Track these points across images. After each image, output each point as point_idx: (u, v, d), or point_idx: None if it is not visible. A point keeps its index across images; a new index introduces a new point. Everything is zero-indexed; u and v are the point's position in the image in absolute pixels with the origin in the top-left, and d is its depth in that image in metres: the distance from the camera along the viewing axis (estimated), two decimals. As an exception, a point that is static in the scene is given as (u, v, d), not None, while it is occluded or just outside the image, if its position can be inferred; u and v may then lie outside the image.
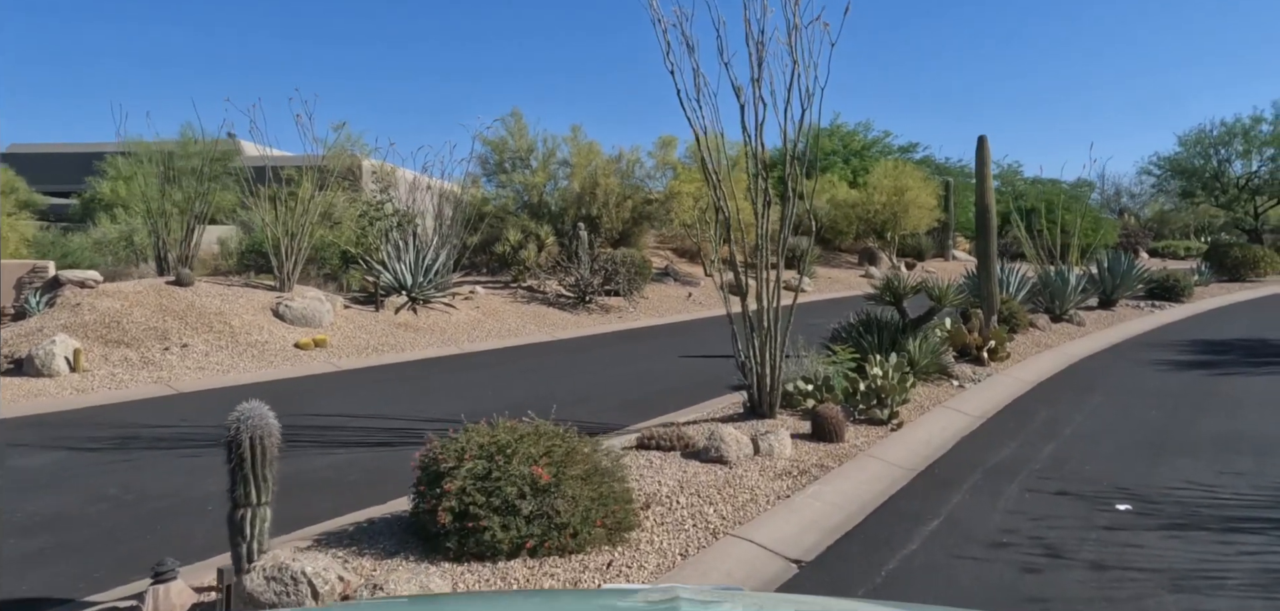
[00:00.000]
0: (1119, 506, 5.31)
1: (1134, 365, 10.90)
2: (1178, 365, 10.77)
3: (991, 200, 12.72)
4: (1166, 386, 9.40)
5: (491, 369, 11.54)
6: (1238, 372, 10.16)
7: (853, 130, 35.32)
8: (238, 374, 10.43)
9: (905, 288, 9.98)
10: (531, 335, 15.03)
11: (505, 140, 21.55)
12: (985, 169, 12.60)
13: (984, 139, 12.60)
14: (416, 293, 14.91)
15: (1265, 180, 28.13)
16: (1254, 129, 27.29)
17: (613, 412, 8.47)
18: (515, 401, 9.50)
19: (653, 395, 9.43)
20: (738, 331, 7.64)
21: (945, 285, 9.87)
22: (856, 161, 33.11)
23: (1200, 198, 30.28)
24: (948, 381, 9.64)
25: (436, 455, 4.32)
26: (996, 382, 9.79)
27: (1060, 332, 13.46)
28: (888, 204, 27.53)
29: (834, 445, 6.69)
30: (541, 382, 10.43)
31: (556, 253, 19.63)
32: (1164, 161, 29.84)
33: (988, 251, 12.60)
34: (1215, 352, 11.73)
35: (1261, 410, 8.07)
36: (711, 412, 8.09)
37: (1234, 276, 22.24)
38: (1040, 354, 11.70)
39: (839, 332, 10.25)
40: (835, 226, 28.31)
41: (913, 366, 9.39)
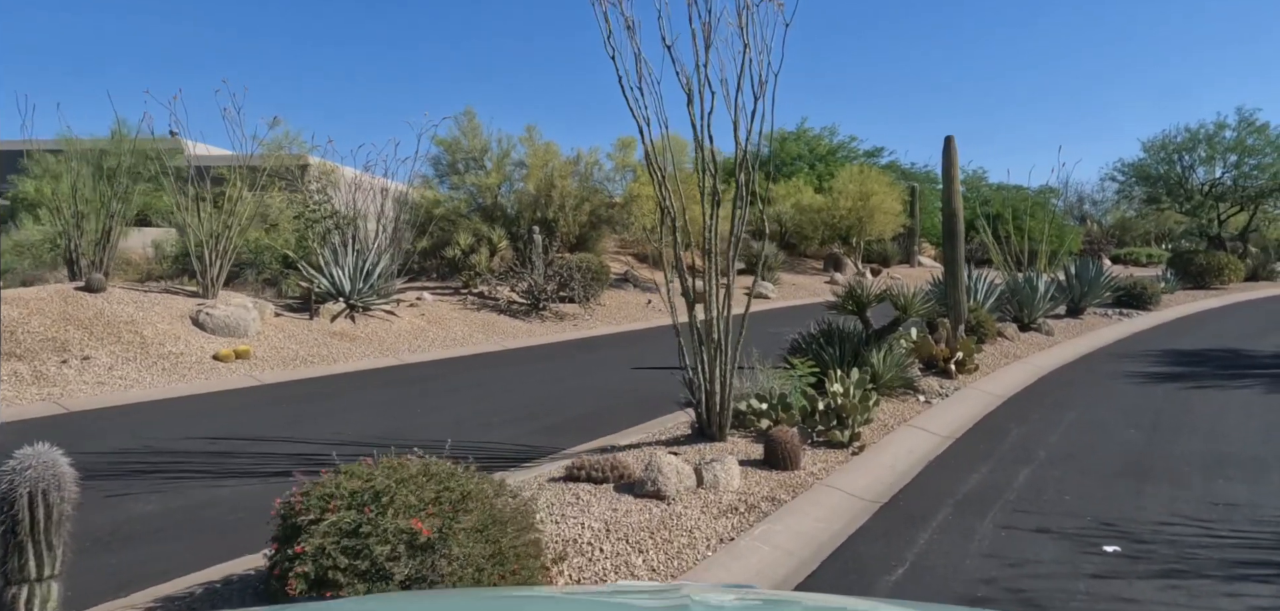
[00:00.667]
0: (1107, 548, 4.66)
1: (1107, 378, 10.38)
2: (1152, 378, 10.27)
3: (959, 204, 12.17)
4: (1143, 401, 8.87)
5: (428, 382, 10.71)
6: (1213, 386, 9.67)
7: (819, 134, 34.92)
8: (142, 389, 9.48)
9: (868, 296, 9.35)
10: (479, 345, 14.20)
11: (458, 140, 20.68)
12: (953, 170, 12.05)
13: (951, 139, 12.05)
14: (356, 299, 14.01)
15: (1228, 187, 28.12)
16: (1218, 135, 27.29)
17: (549, 434, 7.71)
18: (448, 419, 8.71)
19: (597, 412, 8.69)
20: (685, 344, 6.91)
21: (911, 294, 9.26)
22: (822, 166, 32.68)
23: (1165, 204, 30.23)
24: (914, 396, 9.02)
25: (295, 504, 3.53)
26: (965, 397, 9.19)
27: (1029, 342, 12.94)
28: (853, 209, 27.07)
29: (788, 473, 5.99)
30: (480, 398, 9.63)
31: (511, 258, 18.81)
32: (1128, 167, 29.77)
33: (955, 258, 12.04)
34: (1189, 364, 11.27)
35: (1244, 428, 7.54)
36: (657, 434, 7.36)
37: (1199, 283, 22.07)
38: (1010, 365, 11.15)
39: (799, 343, 9.58)
40: (800, 231, 27.79)
41: (876, 381, 8.75)
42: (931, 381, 9.73)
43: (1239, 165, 27.32)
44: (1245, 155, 27.02)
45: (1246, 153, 26.98)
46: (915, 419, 8.07)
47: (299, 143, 16.50)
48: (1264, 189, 26.98)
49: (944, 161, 12.15)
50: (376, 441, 7.62)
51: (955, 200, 12.07)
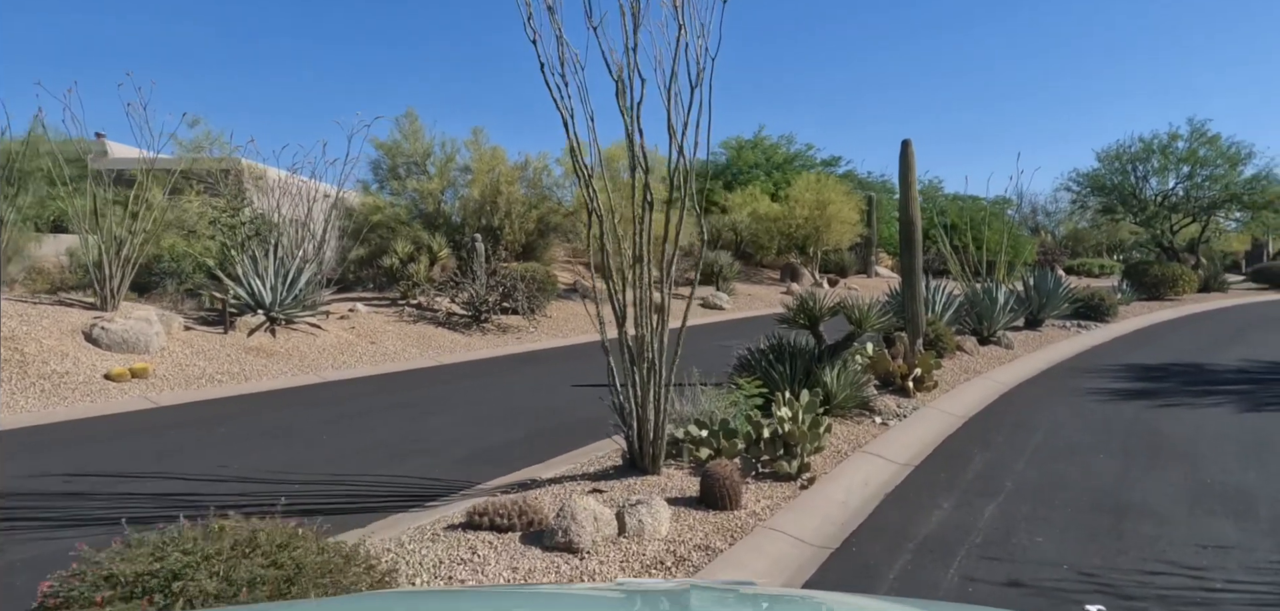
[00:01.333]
0: (1089, 608, 3.98)
1: (1071, 395, 9.84)
2: (1118, 395, 9.76)
3: (917, 212, 11.60)
4: (1112, 422, 8.31)
5: (347, 403, 9.78)
6: (1181, 404, 9.17)
7: (775, 142, 34.53)
8: (11, 414, 8.42)
9: (821, 309, 8.68)
10: (412, 360, 13.27)
11: (398, 144, 19.72)
12: (910, 176, 11.47)
13: (908, 143, 11.48)
14: (277, 312, 12.99)
15: (1180, 198, 28.22)
16: (1170, 146, 27.37)
17: (467, 465, 6.87)
18: (357, 448, 7.78)
19: (526, 438, 7.87)
20: (614, 365, 6.14)
21: (866, 307, 8.61)
22: (779, 175, 32.26)
23: (1120, 214, 30.30)
24: (870, 417, 8.36)
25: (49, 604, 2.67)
26: (924, 418, 8.55)
27: (989, 357, 12.42)
28: (810, 218, 26.61)
29: (727, 514, 5.24)
30: (400, 421, 8.74)
31: (453, 267, 17.89)
32: (1083, 177, 29.81)
33: (913, 268, 11.46)
34: (1153, 379, 10.81)
35: (1220, 453, 6.99)
36: (585, 464, 6.58)
37: (1154, 295, 21.95)
38: (970, 382, 10.57)
39: (747, 360, 8.88)
40: (756, 241, 27.26)
41: (829, 402, 8.07)
42: (888, 400, 9.09)
43: (1191, 176, 27.45)
44: (1197, 166, 27.17)
45: (1198, 164, 27.13)
46: (871, 444, 7.39)
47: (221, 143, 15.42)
48: (1215, 200, 27.14)
49: (901, 166, 11.58)
50: (266, 478, 6.68)
51: (913, 207, 11.50)
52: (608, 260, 6.15)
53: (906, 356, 10.13)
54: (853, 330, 8.54)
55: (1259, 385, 10.23)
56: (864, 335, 8.73)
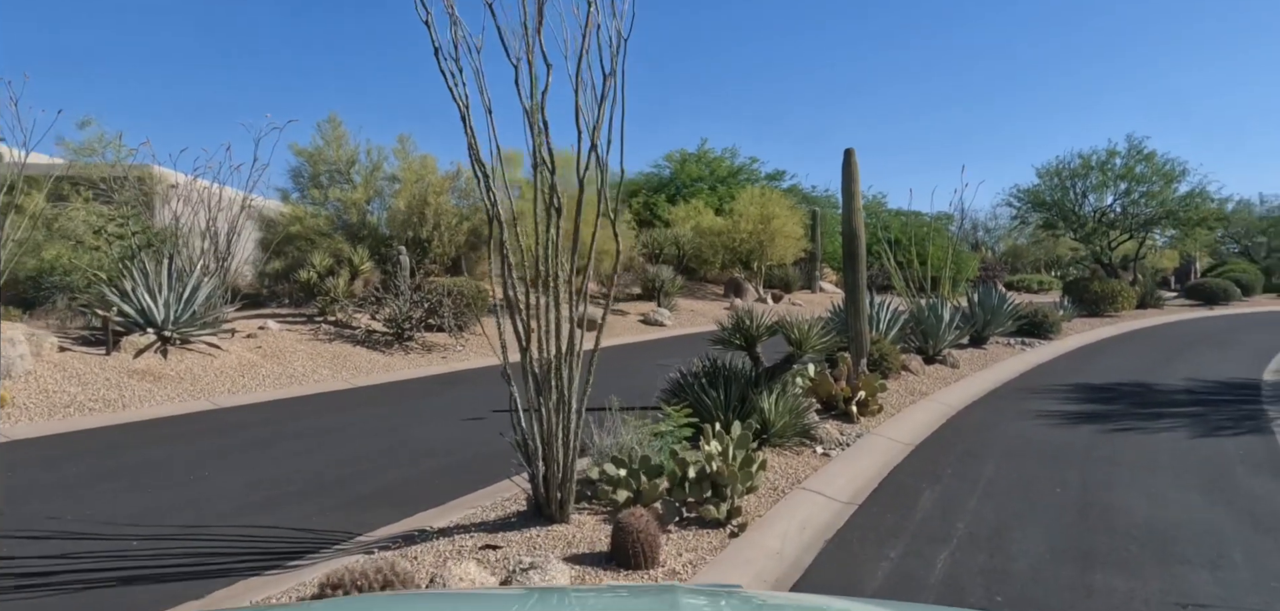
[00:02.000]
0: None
1: (1021, 418, 9.32)
2: (1068, 418, 9.27)
3: (861, 223, 11.04)
4: (1065, 448, 7.77)
5: (235, 434, 8.75)
6: (1135, 427, 8.71)
7: (720, 155, 34.11)
8: None
9: (759, 329, 7.98)
10: (323, 382, 12.22)
11: (321, 151, 18.58)
12: (853, 185, 10.91)
13: (851, 152, 10.93)
14: (171, 330, 11.81)
15: (1118, 215, 28.51)
16: (1109, 162, 27.65)
17: (351, 510, 5.97)
18: (231, 489, 6.67)
19: (429, 474, 6.99)
20: (516, 394, 5.31)
21: (807, 326, 7.93)
22: (723, 188, 31.81)
23: (1061, 230, 30.54)
24: (810, 447, 7.67)
25: None
26: (869, 447, 7.90)
27: (935, 376, 11.90)
28: (754, 232, 26.11)
29: (641, 574, 4.45)
30: (289, 455, 7.76)
31: (377, 281, 16.82)
32: (1024, 193, 29.99)
33: (856, 283, 10.89)
34: (1102, 400, 10.39)
35: (1183, 486, 6.46)
36: (486, 510, 5.73)
37: (1094, 311, 21.95)
38: (916, 404, 10.00)
39: (678, 385, 8.13)
40: (700, 255, 26.65)
41: (766, 431, 7.36)
42: (831, 427, 8.42)
43: (1128, 193, 27.77)
44: (1134, 183, 27.50)
45: (1135, 181, 27.46)
46: (811, 478, 6.69)
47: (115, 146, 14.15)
48: (1151, 217, 27.48)
49: (844, 176, 11.01)
50: (103, 532, 5.40)
51: (856, 219, 10.93)
52: (509, 273, 5.33)
53: (850, 378, 9.50)
54: (792, 352, 7.85)
55: (1208, 406, 9.87)
56: (804, 356, 8.04)
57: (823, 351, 8.02)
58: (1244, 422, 8.84)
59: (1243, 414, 9.33)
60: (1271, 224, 37.86)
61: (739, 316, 8.07)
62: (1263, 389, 11.12)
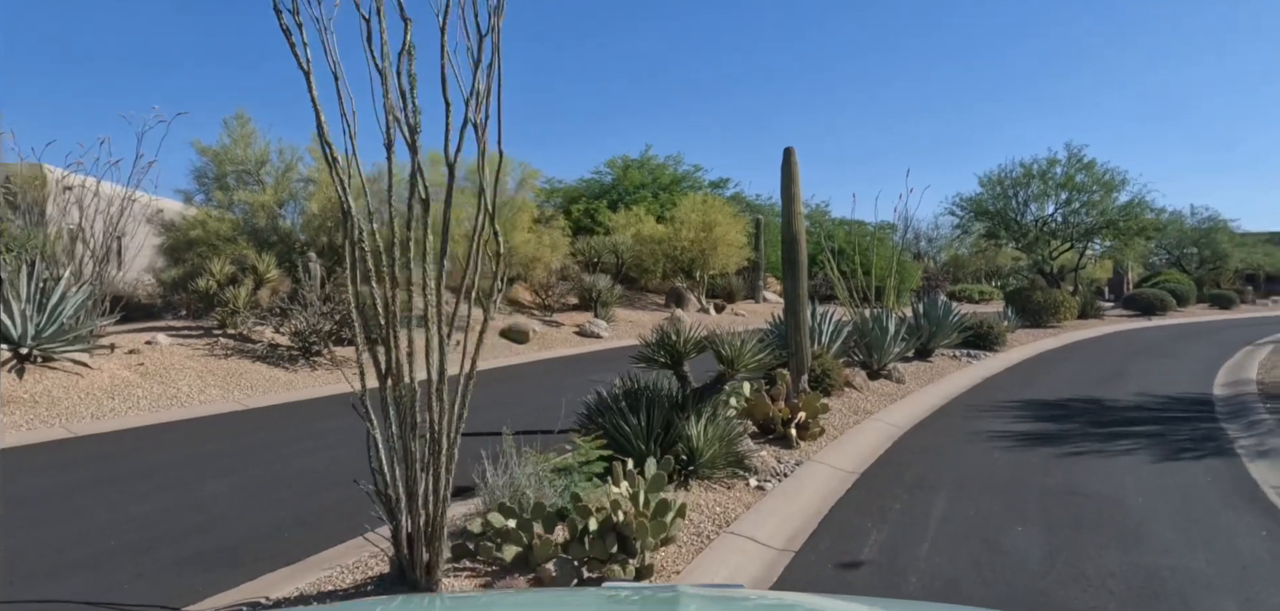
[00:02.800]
0: None
1: (972, 441, 8.60)
2: (1022, 440, 8.58)
3: (801, 228, 10.26)
4: (1022, 477, 7.03)
5: (76, 470, 7.50)
6: (1092, 450, 8.05)
7: (663, 162, 33.37)
8: None
9: (687, 345, 7.06)
10: (210, 403, 10.94)
11: (228, 149, 17.17)
12: (793, 187, 10.12)
13: (791, 151, 10.15)
14: (30, 347, 10.41)
15: (1059, 224, 28.51)
16: (1049, 171, 27.64)
17: (170, 574, 4.86)
18: (32, 546, 5.36)
19: (283, 524, 5.90)
20: (378, 434, 4.29)
21: (740, 342, 7.05)
22: (666, 196, 31.05)
23: (1003, 239, 30.45)
24: (743, 479, 6.78)
25: None
26: (809, 478, 7.05)
27: (880, 393, 11.18)
28: (696, 240, 25.36)
29: (515, 668, 3.46)
30: (130, 498, 6.56)
31: (286, 291, 15.49)
32: (966, 202, 29.84)
33: (797, 293, 10.09)
34: (1055, 419, 9.75)
35: (1153, 519, 5.75)
36: (344, 571, 4.69)
37: (1036, 322, 21.71)
38: (860, 425, 9.22)
39: (596, 409, 7.16)
40: (640, 264, 25.80)
41: (693, 462, 6.44)
42: (767, 454, 7.57)
43: (1069, 202, 27.78)
44: (1075, 192, 27.52)
45: (1075, 189, 27.48)
46: (742, 519, 5.80)
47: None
48: (1091, 227, 27.53)
49: (783, 177, 10.21)
50: None
51: (797, 222, 10.14)
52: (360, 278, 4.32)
53: (789, 398, 8.67)
54: (723, 371, 6.96)
55: (1165, 424, 9.30)
56: (738, 376, 7.15)
57: (757, 369, 7.15)
58: (1206, 444, 8.25)
59: (1202, 433, 8.77)
60: (1202, 235, 38.69)
61: (664, 331, 7.15)
62: (1216, 405, 10.64)
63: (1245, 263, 39.94)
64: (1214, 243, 38.62)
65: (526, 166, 18.82)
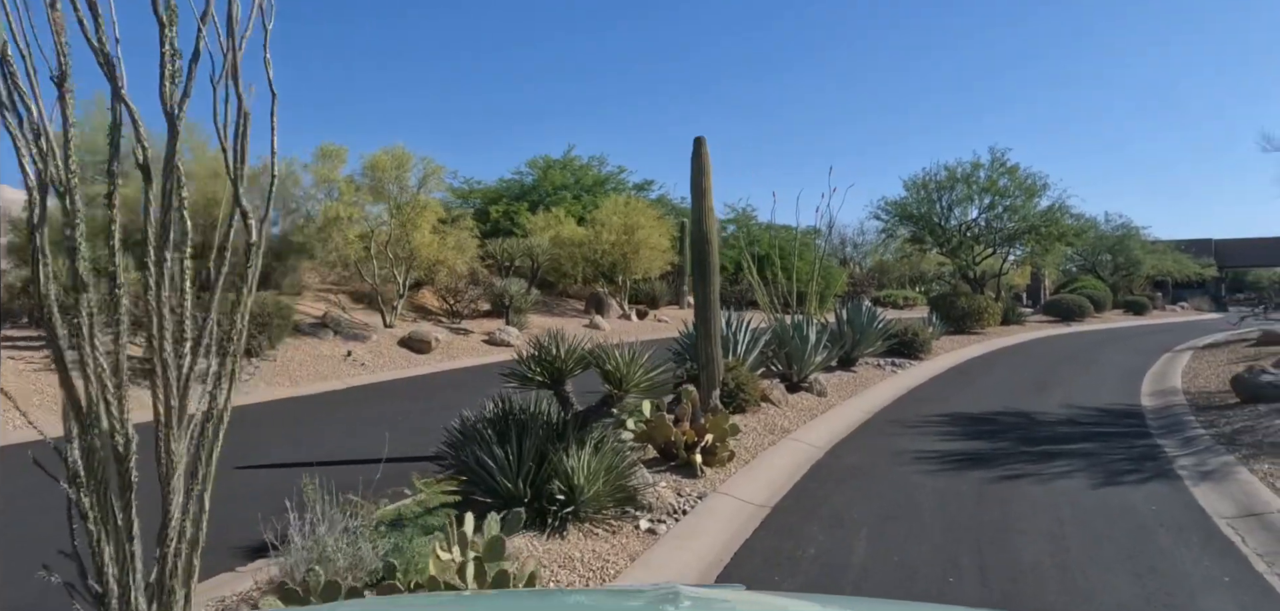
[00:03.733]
0: None
1: (897, 463, 7.74)
2: (951, 462, 7.76)
3: (713, 227, 9.30)
4: (952, 510, 6.15)
5: None
6: (1026, 473, 7.27)
7: (587, 163, 32.26)
8: None
9: (569, 359, 5.96)
10: (8, 433, 9.32)
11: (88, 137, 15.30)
12: (705, 181, 9.13)
13: (702, 141, 9.17)
14: None
15: (982, 229, 28.41)
16: (973, 174, 27.53)
17: None
18: None
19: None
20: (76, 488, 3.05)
21: (629, 356, 5.97)
22: (588, 198, 29.94)
23: (928, 243, 30.27)
24: (634, 519, 5.72)
25: None
26: (712, 514, 6.04)
27: (800, 407, 10.30)
28: (617, 243, 24.31)
29: None
30: None
31: (151, 295, 13.77)
32: (891, 205, 29.59)
33: (708, 299, 9.11)
34: (984, 436, 9.00)
35: (1099, 562, 4.92)
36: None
37: (960, 328, 21.38)
38: (776, 446, 8.28)
39: (460, 438, 6.00)
40: (558, 267, 24.61)
41: (573, 501, 5.35)
42: (666, 486, 6.52)
43: (992, 206, 27.72)
44: (998, 197, 27.46)
45: (998, 194, 27.43)
46: (623, 576, 4.74)
47: None
48: (1013, 232, 27.52)
49: (693, 169, 9.22)
50: None
51: (708, 220, 9.16)
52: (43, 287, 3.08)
53: (695, 417, 7.66)
54: (609, 393, 5.88)
55: (1098, 442, 8.63)
56: (626, 396, 6.07)
57: (650, 389, 6.08)
58: (1145, 464, 7.55)
59: (1138, 452, 8.10)
60: (1116, 242, 39.59)
61: (542, 344, 6.03)
62: (1147, 418, 10.09)
63: (1156, 269, 41.07)
64: (1128, 250, 39.55)
65: (429, 161, 17.47)
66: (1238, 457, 7.47)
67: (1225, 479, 6.85)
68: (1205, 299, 45.42)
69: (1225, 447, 7.93)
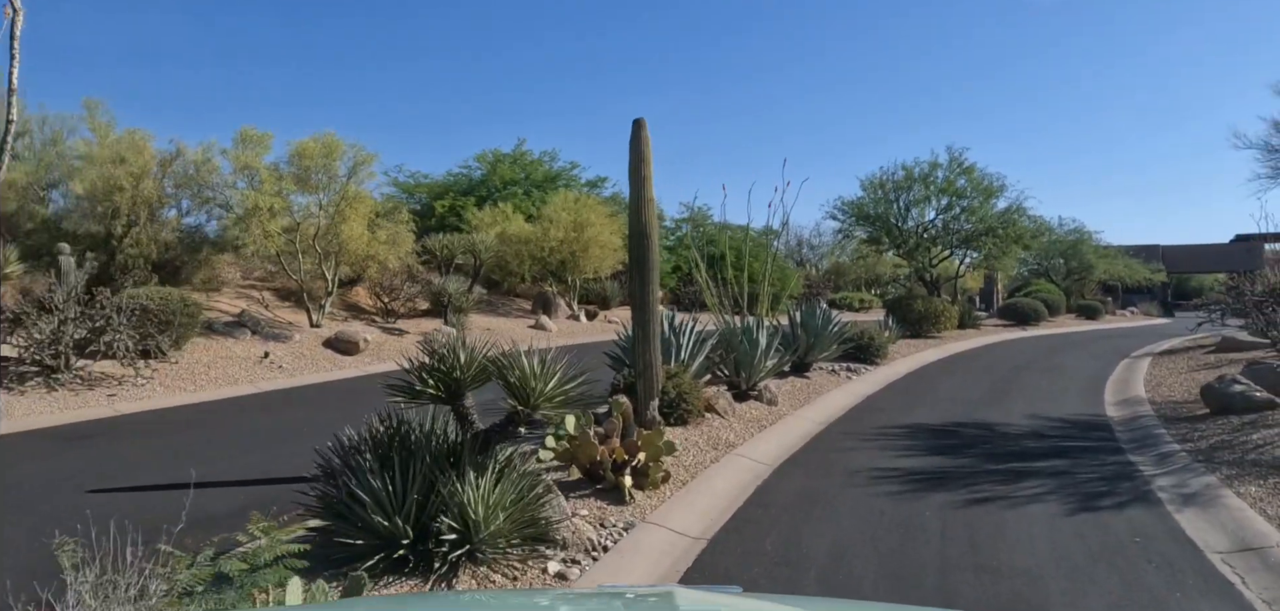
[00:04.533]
0: None
1: (852, 484, 6.94)
2: (913, 483, 6.99)
3: (653, 218, 8.42)
4: (915, 543, 5.35)
5: None
6: (995, 496, 6.53)
7: (538, 158, 31.20)
8: None
9: (469, 369, 5.01)
10: None
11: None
12: (645, 168, 8.25)
13: (641, 123, 8.28)
14: None
15: (939, 230, 27.92)
16: (932, 174, 27.03)
17: None
18: None
19: None
20: None
21: (538, 365, 5.03)
22: (539, 194, 28.89)
23: (884, 244, 29.71)
24: (543, 559, 4.81)
25: None
26: (637, 552, 5.16)
27: (748, 418, 9.48)
28: (566, 241, 23.34)
29: None
30: None
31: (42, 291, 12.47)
32: (847, 205, 28.98)
33: (646, 299, 8.23)
34: (948, 451, 8.26)
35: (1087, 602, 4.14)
36: None
37: (917, 332, 20.83)
38: (719, 463, 7.44)
39: (335, 463, 5.02)
40: (504, 265, 23.55)
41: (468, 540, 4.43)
42: (585, 518, 5.62)
43: (949, 207, 27.24)
44: (955, 198, 27.00)
45: (956, 195, 26.97)
46: (516, 641, 3.78)
47: None
48: (971, 233, 27.07)
49: (632, 155, 8.33)
50: None
51: (647, 211, 8.28)
52: None
53: (627, 432, 6.77)
54: (514, 411, 4.93)
55: (1068, 458, 7.95)
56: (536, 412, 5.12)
57: (561, 404, 5.15)
58: (1120, 485, 6.86)
59: (1112, 470, 7.42)
60: (1069, 246, 39.69)
61: (438, 352, 5.07)
62: (1115, 430, 9.47)
63: (1108, 273, 41.29)
64: (1081, 254, 39.66)
65: (360, 149, 16.25)
66: (1220, 478, 6.82)
67: (1211, 504, 6.17)
68: (1154, 304, 45.93)
69: (1204, 466, 7.29)
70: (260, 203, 14.69)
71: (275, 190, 15.11)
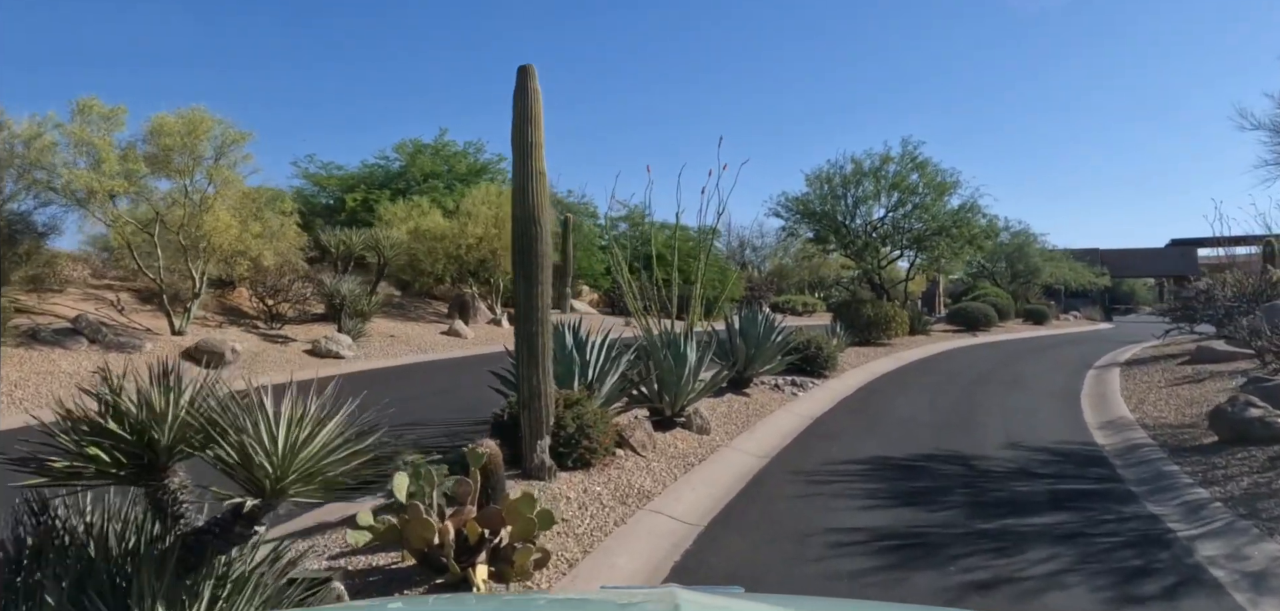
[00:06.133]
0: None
1: (801, 556, 5.09)
2: (881, 554, 5.16)
3: (544, 200, 6.45)
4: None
5: None
6: (995, 576, 4.75)
7: (462, 149, 28.89)
8: None
9: (171, 426, 2.95)
10: None
11: None
12: (532, 130, 6.26)
13: (529, 71, 6.30)
14: None
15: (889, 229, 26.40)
16: (882, 168, 25.49)
17: None
18: None
19: None
20: None
21: (271, 432, 2.99)
22: (462, 187, 26.59)
23: (832, 244, 28.07)
24: None
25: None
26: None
27: (671, 453, 7.57)
28: (486, 237, 21.17)
29: None
30: None
31: None
32: (792, 202, 27.30)
33: (531, 308, 6.25)
34: (920, 498, 6.47)
35: None
36: None
37: (866, 338, 19.26)
38: (627, 525, 5.51)
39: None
40: (416, 264, 21.28)
41: None
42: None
43: (900, 204, 25.75)
44: (907, 194, 25.53)
45: (907, 191, 25.50)
46: None
47: None
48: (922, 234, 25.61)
49: (515, 113, 6.33)
50: None
51: (536, 189, 6.30)
52: None
53: (490, 495, 4.78)
54: (241, 504, 2.89)
55: (1073, 511, 6.22)
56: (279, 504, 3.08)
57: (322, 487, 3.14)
58: (1154, 554, 5.14)
59: (1135, 531, 5.71)
60: (1015, 248, 38.93)
61: (109, 380, 3.02)
62: (1113, 464, 7.84)
63: (1054, 277, 40.74)
64: (1027, 257, 38.96)
65: (229, 127, 13.83)
66: None
67: (1294, 591, 4.46)
68: (1095, 308, 45.66)
69: (1253, 523, 5.62)
70: (97, 186, 12.24)
71: (121, 171, 12.67)
